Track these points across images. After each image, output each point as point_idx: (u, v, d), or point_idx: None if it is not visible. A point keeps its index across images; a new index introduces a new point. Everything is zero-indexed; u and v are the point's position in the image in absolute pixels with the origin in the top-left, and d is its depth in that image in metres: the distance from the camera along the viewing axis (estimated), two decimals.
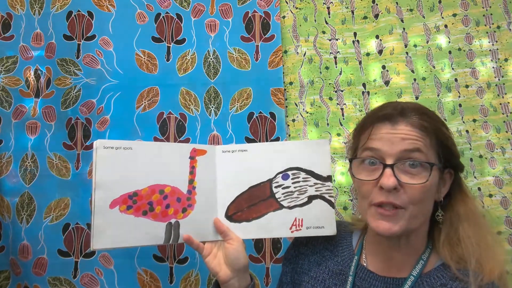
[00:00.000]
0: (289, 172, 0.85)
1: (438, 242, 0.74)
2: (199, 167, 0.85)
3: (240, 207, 0.85)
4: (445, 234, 0.73)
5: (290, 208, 0.84)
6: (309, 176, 0.85)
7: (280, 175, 0.86)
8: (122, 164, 0.79)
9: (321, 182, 0.85)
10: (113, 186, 0.77)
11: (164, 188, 0.81)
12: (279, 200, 0.85)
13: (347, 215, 1.17)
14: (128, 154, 0.79)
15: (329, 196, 0.84)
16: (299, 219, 0.83)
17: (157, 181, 0.81)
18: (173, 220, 0.81)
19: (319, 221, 0.83)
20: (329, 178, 0.85)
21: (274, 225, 0.84)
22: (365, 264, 0.80)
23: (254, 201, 0.85)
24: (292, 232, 0.83)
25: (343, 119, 1.25)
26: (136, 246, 0.78)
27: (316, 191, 0.85)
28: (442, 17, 1.27)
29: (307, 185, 0.85)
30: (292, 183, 0.85)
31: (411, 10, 1.28)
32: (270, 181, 0.86)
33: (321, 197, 0.84)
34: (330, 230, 0.83)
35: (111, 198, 0.76)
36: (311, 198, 0.84)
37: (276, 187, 0.85)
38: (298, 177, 0.85)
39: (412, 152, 0.69)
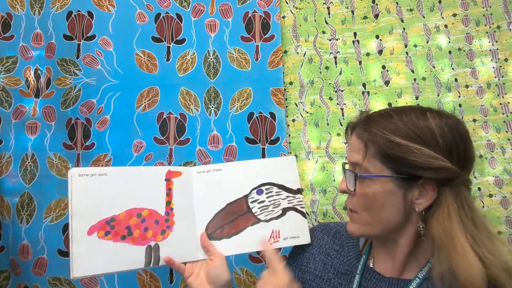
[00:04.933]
0: (263, 188, 0.90)
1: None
2: (176, 188, 0.86)
3: (219, 224, 0.87)
4: (431, 249, 0.70)
5: (267, 221, 0.88)
6: (281, 190, 0.90)
7: (255, 190, 0.89)
8: (98, 190, 0.79)
9: (292, 195, 0.90)
10: (90, 213, 0.78)
11: (141, 212, 0.82)
12: (256, 214, 0.88)
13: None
14: (103, 180, 0.80)
15: (301, 208, 0.89)
16: (276, 231, 0.87)
17: (134, 204, 0.82)
18: (152, 243, 0.81)
19: (294, 231, 0.88)
20: (299, 191, 0.90)
21: (254, 239, 0.86)
22: (371, 265, 0.80)
23: (232, 217, 0.88)
24: (271, 244, 0.86)
25: (343, 119, 1.25)
26: (116, 271, 0.79)
27: (288, 203, 0.89)
28: (442, 17, 1.27)
29: (280, 198, 0.89)
30: (267, 197, 0.89)
31: (411, 10, 1.28)
32: (246, 197, 0.89)
33: (293, 208, 0.89)
34: (304, 239, 0.88)
35: (88, 225, 0.77)
36: (285, 210, 0.89)
37: (252, 202, 0.89)
38: (272, 192, 0.90)
39: (353, 164, 0.73)
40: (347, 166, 0.77)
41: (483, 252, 0.65)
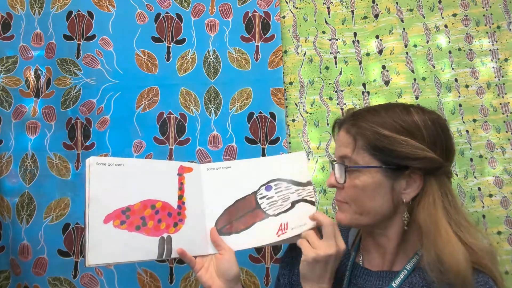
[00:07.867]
0: (272, 184, 0.89)
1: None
2: (187, 183, 0.87)
3: (229, 220, 0.87)
4: (414, 238, 0.74)
5: (275, 215, 0.87)
6: (290, 185, 0.89)
7: (264, 187, 0.89)
8: (115, 180, 0.80)
9: (302, 188, 0.88)
10: (106, 202, 0.78)
11: (155, 203, 0.83)
12: (264, 210, 0.88)
13: None
14: (120, 170, 0.81)
15: (310, 198, 0.87)
16: (284, 224, 0.86)
17: (149, 196, 0.82)
18: (165, 235, 0.82)
19: (301, 220, 0.85)
20: (309, 183, 0.88)
21: (262, 234, 0.86)
22: (360, 262, 0.82)
23: (241, 213, 0.88)
24: (278, 236, 0.85)
25: None
26: (131, 261, 0.79)
27: (298, 196, 0.88)
28: (442, 17, 1.27)
29: (289, 192, 0.88)
30: (275, 193, 0.89)
31: (411, 10, 1.29)
32: (254, 193, 0.89)
33: (303, 200, 0.87)
34: (310, 224, 0.84)
35: (104, 213, 0.77)
36: (294, 203, 0.87)
37: (260, 198, 0.88)
38: (280, 187, 0.89)
39: (342, 158, 0.77)
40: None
41: (466, 237, 0.69)
